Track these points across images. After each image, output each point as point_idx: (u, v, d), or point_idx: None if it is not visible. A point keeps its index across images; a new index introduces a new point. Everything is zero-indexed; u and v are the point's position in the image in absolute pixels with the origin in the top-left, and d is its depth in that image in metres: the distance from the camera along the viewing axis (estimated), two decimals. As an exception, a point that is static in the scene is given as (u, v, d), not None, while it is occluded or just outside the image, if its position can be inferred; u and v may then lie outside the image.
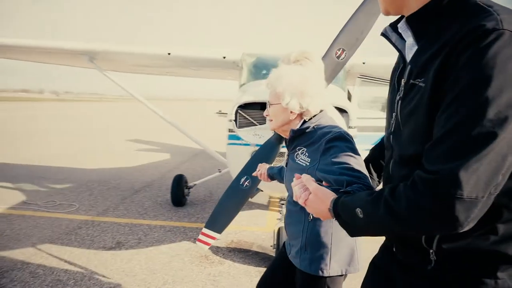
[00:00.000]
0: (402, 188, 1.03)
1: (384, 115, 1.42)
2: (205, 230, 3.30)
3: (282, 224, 3.93)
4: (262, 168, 2.34)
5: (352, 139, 1.74)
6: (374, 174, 1.83)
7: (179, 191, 6.11)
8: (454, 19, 1.03)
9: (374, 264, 1.50)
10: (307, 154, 1.75)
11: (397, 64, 1.34)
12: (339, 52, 2.97)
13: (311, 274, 1.79)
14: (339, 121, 2.97)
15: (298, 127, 1.80)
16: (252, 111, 3.37)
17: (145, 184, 7.70)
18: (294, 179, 1.40)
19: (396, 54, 1.32)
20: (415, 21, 1.14)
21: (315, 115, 1.81)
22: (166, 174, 8.85)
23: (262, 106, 3.36)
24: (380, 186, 1.44)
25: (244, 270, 3.97)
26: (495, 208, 0.99)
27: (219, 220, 3.18)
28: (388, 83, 1.44)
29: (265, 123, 3.30)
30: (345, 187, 1.40)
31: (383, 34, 1.29)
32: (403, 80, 1.19)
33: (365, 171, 1.57)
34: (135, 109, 45.01)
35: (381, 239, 1.43)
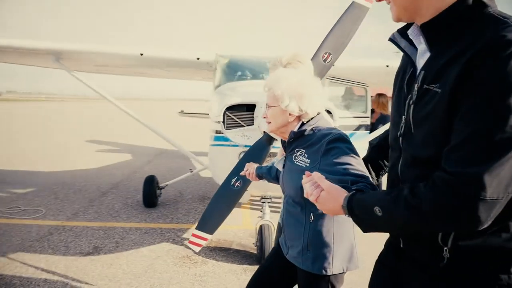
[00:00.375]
0: (422, 188, 1.08)
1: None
2: (196, 232, 3.33)
3: (264, 222, 4.04)
4: (251, 168, 2.36)
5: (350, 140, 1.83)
6: (373, 173, 1.92)
7: (151, 192, 6.03)
8: (470, 28, 1.08)
9: (380, 261, 1.54)
10: (306, 155, 1.77)
11: (403, 68, 1.40)
12: (325, 56, 3.11)
13: (314, 273, 1.82)
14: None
15: (296, 129, 1.83)
16: (239, 112, 3.43)
17: (111, 185, 7.49)
18: (304, 176, 1.42)
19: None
20: (429, 28, 1.18)
21: (313, 118, 1.85)
22: (131, 175, 8.66)
23: (248, 107, 3.42)
24: (383, 185, 1.55)
25: (229, 268, 4.02)
26: (507, 207, 1.05)
27: (210, 221, 3.22)
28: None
29: (252, 124, 3.37)
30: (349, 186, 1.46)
31: (392, 40, 1.35)
32: (416, 84, 1.22)
33: (366, 171, 1.65)
34: (100, 110, 43.13)
35: (377, 236, 1.45)
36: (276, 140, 2.95)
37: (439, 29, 1.16)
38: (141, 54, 4.92)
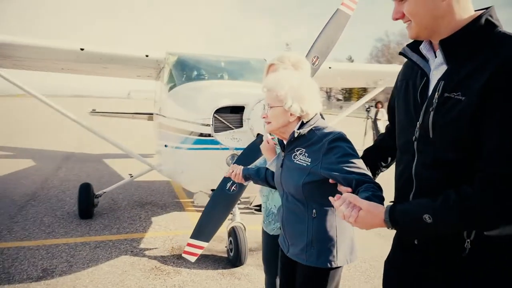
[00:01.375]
0: (476, 191, 1.18)
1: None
2: (191, 241, 3.18)
3: (236, 224, 4.01)
4: (236, 169, 2.33)
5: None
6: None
7: (88, 201, 5.47)
8: (485, 45, 1.25)
9: (389, 262, 1.65)
10: (306, 154, 1.81)
11: (408, 79, 1.54)
12: (314, 59, 3.21)
13: (317, 267, 1.86)
14: None
15: (297, 129, 1.86)
16: (227, 114, 3.32)
17: (27, 197, 6.54)
18: (333, 200, 1.46)
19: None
20: (447, 44, 1.33)
21: (312, 118, 1.90)
22: (45, 183, 7.68)
23: (235, 109, 3.34)
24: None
25: (206, 275, 3.89)
26: None
27: (206, 228, 3.10)
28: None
29: (241, 126, 3.30)
30: (354, 185, 1.59)
31: (402, 54, 1.51)
32: (436, 93, 1.33)
33: (367, 170, 1.72)
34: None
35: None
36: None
37: (456, 45, 1.31)
38: (82, 49, 4.42)
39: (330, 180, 1.72)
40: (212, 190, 3.78)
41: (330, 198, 1.48)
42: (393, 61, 41.82)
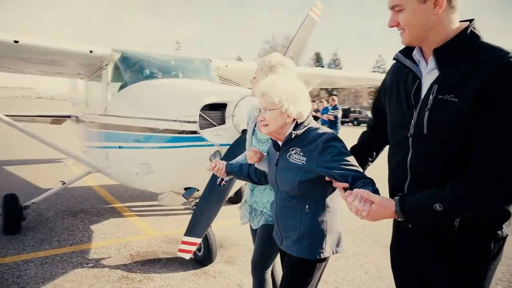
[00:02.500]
0: (479, 183, 1.35)
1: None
2: (185, 238, 3.14)
3: None
4: (219, 164, 2.37)
5: None
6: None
7: (15, 214, 4.83)
8: (472, 53, 1.43)
9: (394, 247, 1.87)
10: (302, 154, 1.90)
11: (399, 82, 1.70)
12: (290, 59, 3.41)
13: (306, 259, 1.97)
14: None
15: (291, 129, 1.95)
16: (210, 112, 3.29)
17: None
18: (346, 195, 1.58)
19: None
20: (440, 52, 1.49)
21: (306, 119, 1.99)
22: None
23: (217, 106, 3.34)
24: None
25: (180, 277, 3.80)
26: None
27: (199, 224, 3.08)
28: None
29: (224, 123, 3.31)
30: (350, 181, 1.70)
31: (396, 59, 1.69)
32: (431, 96, 1.49)
33: (359, 167, 1.83)
34: None
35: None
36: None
37: (447, 53, 1.48)
38: (16, 42, 3.89)
39: (327, 178, 1.83)
40: (186, 188, 3.73)
41: (341, 194, 1.63)
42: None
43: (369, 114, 41.48)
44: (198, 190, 3.73)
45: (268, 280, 2.47)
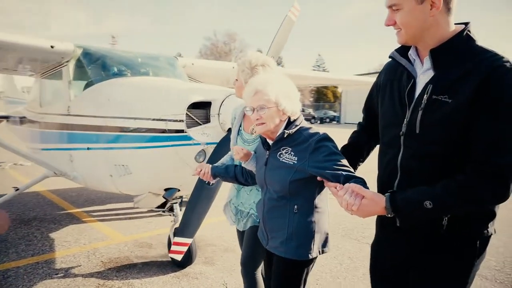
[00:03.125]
0: (472, 179, 1.39)
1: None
2: (177, 239, 3.08)
3: (177, 224, 3.92)
4: (205, 167, 2.32)
5: None
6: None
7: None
8: (468, 56, 1.45)
9: (377, 243, 1.86)
10: (292, 153, 1.88)
11: (393, 80, 1.71)
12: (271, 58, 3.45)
13: (294, 259, 1.95)
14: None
15: (283, 128, 1.93)
16: (194, 110, 3.21)
17: None
18: (337, 189, 1.60)
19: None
20: (436, 53, 1.51)
21: (298, 118, 1.98)
22: None
23: (194, 105, 3.26)
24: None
25: (162, 281, 3.68)
26: None
27: (190, 224, 3.03)
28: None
29: (208, 121, 3.25)
30: (342, 181, 1.70)
31: (391, 57, 1.70)
32: (425, 95, 1.51)
33: (350, 167, 1.84)
34: None
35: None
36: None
37: (443, 54, 1.50)
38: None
39: (318, 178, 1.83)
40: (166, 189, 3.63)
41: (332, 188, 1.63)
42: (221, 59, 44.16)
43: (311, 112, 42.97)
44: (179, 190, 3.65)
45: (259, 280, 2.45)
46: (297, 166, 1.85)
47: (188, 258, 3.95)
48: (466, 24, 1.53)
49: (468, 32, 1.51)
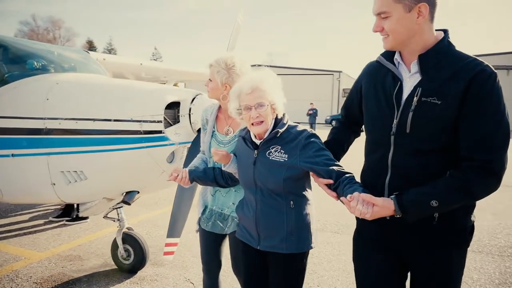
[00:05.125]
0: (470, 176, 1.50)
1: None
2: (168, 240, 3.09)
3: (127, 229, 3.87)
4: (182, 173, 2.21)
5: None
6: None
7: None
8: (450, 60, 1.56)
9: (361, 235, 1.91)
10: (282, 151, 1.91)
11: (378, 82, 1.77)
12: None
13: (295, 253, 1.97)
14: None
15: (272, 127, 1.95)
16: (167, 110, 3.14)
17: None
18: (349, 200, 1.58)
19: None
20: (423, 59, 1.60)
21: (284, 116, 2.01)
22: None
23: (171, 105, 3.24)
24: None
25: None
26: None
27: (177, 224, 3.09)
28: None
29: (178, 121, 3.24)
30: (335, 177, 1.78)
31: (378, 62, 1.78)
32: (415, 98, 1.59)
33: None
34: None
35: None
36: None
37: (429, 59, 1.59)
38: None
39: (311, 173, 1.89)
40: (127, 193, 3.47)
41: (343, 199, 1.62)
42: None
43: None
44: (138, 193, 3.55)
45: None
46: (289, 163, 1.88)
47: (142, 262, 3.85)
48: (445, 31, 1.64)
49: (448, 39, 1.62)
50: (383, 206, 1.56)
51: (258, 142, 1.98)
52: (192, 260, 4.14)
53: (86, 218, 5.48)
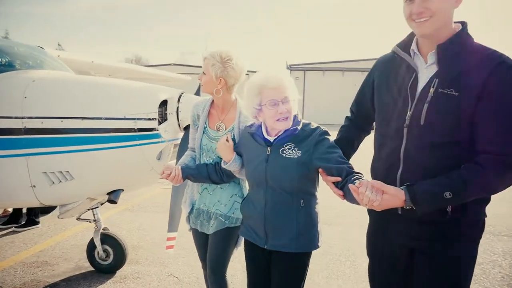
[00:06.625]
0: (486, 167, 1.47)
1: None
2: (169, 235, 3.17)
3: (104, 229, 3.88)
4: (174, 170, 2.19)
5: None
6: None
7: None
8: (468, 52, 1.53)
9: (373, 230, 1.91)
10: (296, 148, 1.88)
11: (391, 74, 1.74)
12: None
13: (304, 252, 1.97)
14: None
15: (292, 126, 1.91)
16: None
17: None
18: (356, 185, 1.54)
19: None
20: (442, 49, 1.55)
21: (297, 113, 1.97)
22: None
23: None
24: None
25: (109, 288, 3.49)
26: None
27: (175, 219, 3.19)
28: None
29: (166, 119, 3.30)
30: (344, 175, 1.74)
31: (393, 52, 1.74)
32: (432, 89, 1.55)
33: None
34: None
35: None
36: None
37: (448, 50, 1.55)
38: None
39: (320, 170, 1.86)
40: (112, 192, 3.45)
41: (351, 186, 1.57)
42: None
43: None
44: (123, 191, 3.55)
45: (228, 280, 2.42)
46: (303, 159, 1.86)
47: (122, 261, 3.84)
48: (462, 23, 1.60)
49: (467, 30, 1.59)
50: (393, 195, 1.51)
51: (271, 139, 1.95)
52: (168, 256, 4.20)
53: (37, 223, 5.18)
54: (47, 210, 5.51)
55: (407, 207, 1.54)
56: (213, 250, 2.36)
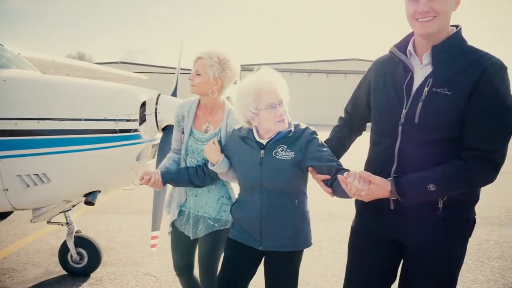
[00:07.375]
0: (472, 164, 1.54)
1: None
2: (153, 233, 3.20)
3: (77, 231, 3.84)
4: (154, 175, 2.16)
5: None
6: None
7: None
8: (462, 54, 1.61)
9: (360, 226, 1.93)
10: (288, 150, 1.90)
11: (387, 74, 1.80)
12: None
13: (299, 250, 2.01)
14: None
15: (287, 128, 1.93)
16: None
17: None
18: (344, 176, 1.62)
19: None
20: (437, 50, 1.63)
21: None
22: None
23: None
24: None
25: (87, 291, 3.44)
26: None
27: (157, 218, 3.25)
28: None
29: (145, 120, 3.30)
30: (334, 173, 1.78)
31: (390, 53, 1.80)
32: (426, 88, 1.62)
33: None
34: None
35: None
36: None
37: (443, 51, 1.63)
38: None
39: (310, 169, 1.89)
40: (89, 193, 3.41)
41: (340, 177, 1.64)
42: None
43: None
44: (100, 192, 3.52)
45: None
46: (296, 160, 1.89)
47: (97, 262, 3.81)
48: (457, 26, 1.68)
49: (461, 33, 1.66)
50: (379, 185, 1.58)
51: (264, 142, 1.95)
52: (141, 256, 4.23)
53: None
54: (3, 215, 5.28)
55: (393, 198, 1.61)
56: (204, 253, 2.37)
